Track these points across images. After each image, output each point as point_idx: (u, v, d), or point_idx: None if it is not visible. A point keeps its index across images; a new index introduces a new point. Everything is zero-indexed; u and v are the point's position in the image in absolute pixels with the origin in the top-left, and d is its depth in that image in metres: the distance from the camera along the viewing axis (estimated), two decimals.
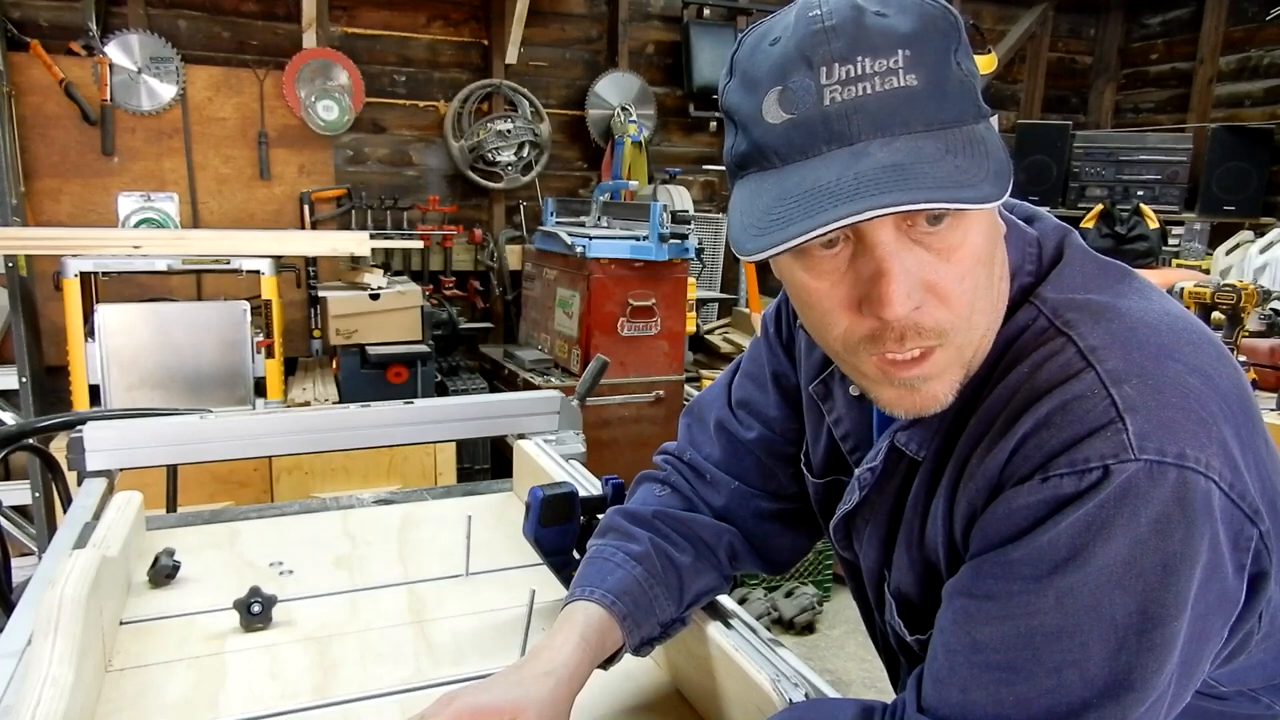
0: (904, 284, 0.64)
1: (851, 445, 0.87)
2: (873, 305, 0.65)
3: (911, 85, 0.62)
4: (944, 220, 0.64)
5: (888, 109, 0.62)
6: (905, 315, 0.64)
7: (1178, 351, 0.66)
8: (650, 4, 4.59)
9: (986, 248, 0.67)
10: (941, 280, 0.65)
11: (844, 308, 0.67)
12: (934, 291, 0.65)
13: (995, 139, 0.65)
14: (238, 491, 2.80)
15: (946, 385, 0.70)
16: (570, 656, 0.82)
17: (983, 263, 0.67)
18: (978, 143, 0.63)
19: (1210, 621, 0.64)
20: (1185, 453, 0.61)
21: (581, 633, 0.85)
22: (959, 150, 0.62)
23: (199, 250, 2.89)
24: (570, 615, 0.87)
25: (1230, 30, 4.86)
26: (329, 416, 1.60)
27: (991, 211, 0.68)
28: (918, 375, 0.68)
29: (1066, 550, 0.62)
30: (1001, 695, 0.64)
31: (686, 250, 3.43)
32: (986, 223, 0.67)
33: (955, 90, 0.63)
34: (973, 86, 0.65)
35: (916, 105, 0.62)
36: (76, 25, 3.58)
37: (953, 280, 0.65)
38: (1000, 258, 0.71)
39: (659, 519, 0.97)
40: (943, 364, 0.68)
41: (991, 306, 0.70)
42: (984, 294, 0.68)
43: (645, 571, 0.91)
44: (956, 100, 0.63)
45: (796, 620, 3.24)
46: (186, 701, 0.96)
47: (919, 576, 0.79)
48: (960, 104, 0.64)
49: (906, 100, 0.62)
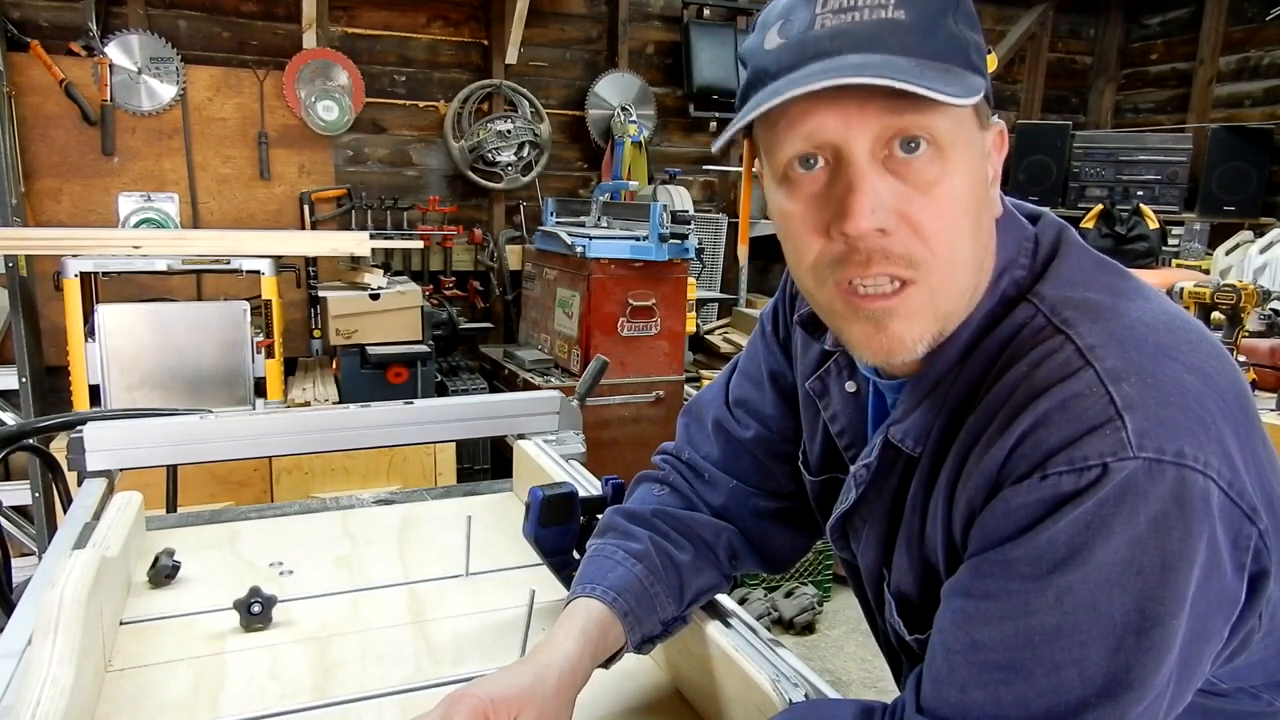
0: (869, 200, 0.66)
1: (847, 441, 0.87)
2: (839, 221, 0.67)
3: (897, 18, 0.65)
4: (920, 148, 0.66)
5: (871, 33, 0.65)
6: (869, 233, 0.66)
7: (1176, 350, 0.66)
8: (650, 4, 4.58)
9: (969, 197, 0.69)
10: (916, 211, 0.67)
11: (816, 231, 0.70)
12: (907, 220, 0.67)
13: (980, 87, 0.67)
14: (238, 491, 2.80)
15: (916, 330, 0.70)
16: (572, 652, 0.83)
17: (966, 212, 0.68)
18: (956, 75, 0.65)
19: (1210, 621, 0.64)
20: (1184, 451, 0.61)
21: (583, 629, 0.85)
22: (934, 68, 0.65)
23: (199, 250, 2.88)
24: (571, 613, 0.88)
25: (1230, 30, 4.86)
26: (329, 416, 1.60)
27: (974, 165, 0.69)
28: (884, 309, 0.69)
29: (1065, 549, 0.62)
30: (1000, 695, 0.64)
31: (686, 250, 3.43)
32: (969, 171, 0.68)
33: (944, 34, 0.66)
34: (965, 46, 0.67)
35: (900, 34, 0.65)
36: (76, 25, 3.58)
37: (929, 215, 0.67)
38: (987, 224, 0.72)
39: (658, 518, 0.97)
40: (914, 304, 0.69)
41: (975, 265, 0.71)
42: (968, 247, 0.70)
43: (646, 569, 0.91)
44: (941, 42, 0.66)
45: (796, 620, 3.24)
46: (186, 701, 0.96)
47: (918, 576, 0.79)
48: (945, 46, 0.66)
49: (891, 28, 0.65)
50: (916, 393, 0.77)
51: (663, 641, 0.94)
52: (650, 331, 3.45)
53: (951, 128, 0.67)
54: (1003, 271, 0.74)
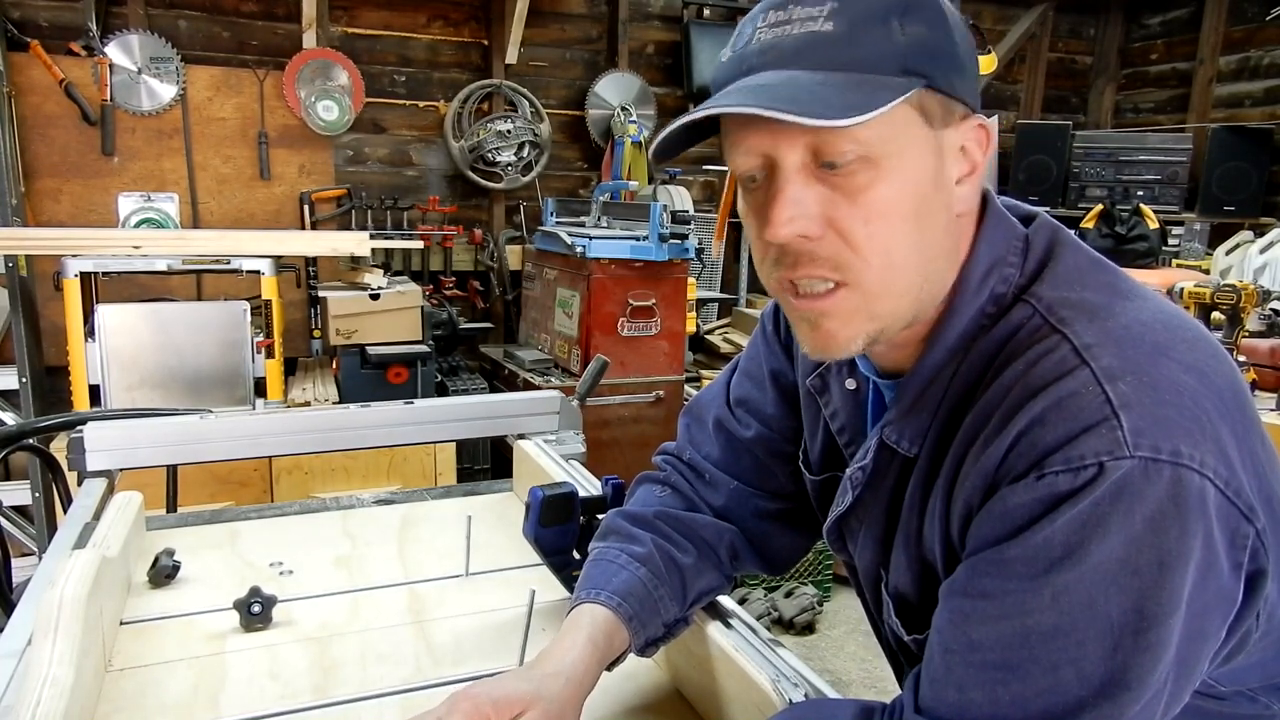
0: (787, 209, 0.68)
1: (847, 439, 0.87)
2: (764, 228, 0.70)
3: (824, 30, 0.67)
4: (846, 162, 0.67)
5: (795, 48, 0.68)
6: (790, 240, 0.69)
7: (1173, 349, 0.66)
8: (650, 4, 4.58)
9: (907, 201, 0.69)
10: (843, 219, 0.68)
11: (758, 238, 0.73)
12: (834, 227, 0.69)
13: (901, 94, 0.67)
14: (238, 491, 2.80)
15: (850, 331, 0.72)
16: (579, 658, 0.82)
17: (902, 217, 0.69)
18: (871, 87, 0.65)
19: (1208, 620, 0.64)
20: (1180, 450, 0.61)
21: (589, 635, 0.85)
22: (840, 86, 0.65)
23: (199, 250, 2.88)
24: (577, 618, 0.87)
25: (1230, 30, 4.85)
26: (329, 416, 1.60)
27: (917, 168, 0.69)
28: (816, 309, 0.72)
29: (1062, 548, 0.62)
30: (998, 695, 0.64)
31: (686, 250, 3.43)
32: (906, 176, 0.69)
33: (871, 43, 0.67)
34: (903, 49, 0.67)
35: (820, 47, 0.67)
36: (76, 25, 3.58)
37: (856, 222, 0.68)
38: (938, 224, 0.72)
39: (660, 520, 0.97)
40: (846, 308, 0.71)
41: (919, 266, 0.71)
42: (907, 251, 0.70)
43: (649, 573, 0.91)
44: (867, 51, 0.67)
45: (796, 620, 3.24)
46: (186, 701, 0.96)
47: (916, 576, 0.79)
48: (870, 55, 0.66)
49: (813, 42, 0.67)
50: (909, 392, 0.77)
51: (665, 644, 0.94)
52: (650, 331, 3.45)
53: (881, 136, 0.67)
54: (991, 269, 0.74)
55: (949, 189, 0.72)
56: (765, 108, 0.64)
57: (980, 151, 0.74)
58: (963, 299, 0.74)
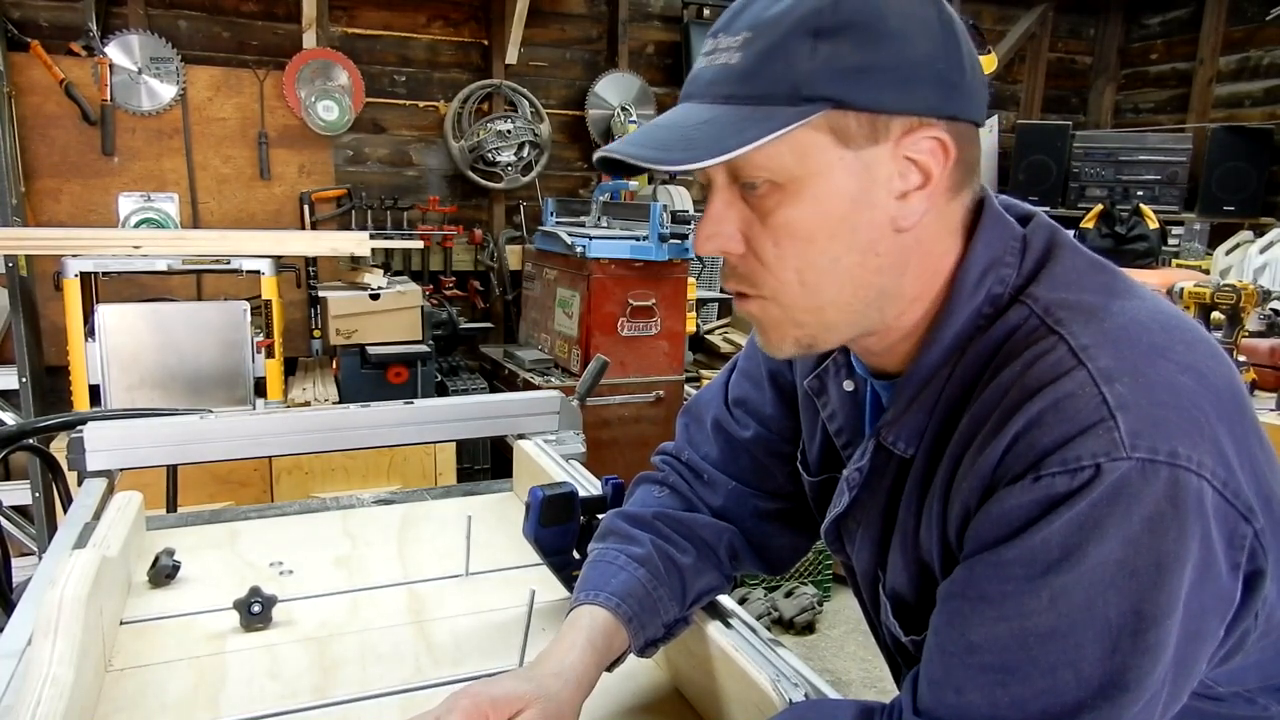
0: (708, 226, 0.74)
1: (845, 440, 0.87)
2: None
3: (732, 63, 0.70)
4: (759, 186, 0.71)
5: (709, 79, 0.71)
6: (708, 253, 0.77)
7: (1170, 350, 0.66)
8: (650, 4, 4.58)
9: (816, 222, 0.70)
10: (755, 239, 0.73)
11: None
12: (750, 246, 0.73)
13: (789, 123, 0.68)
14: (238, 491, 2.80)
15: (778, 336, 0.77)
16: (578, 659, 0.83)
17: (811, 239, 0.71)
18: (754, 120, 0.67)
19: (1206, 621, 0.64)
20: (1177, 451, 0.61)
21: (588, 637, 0.85)
22: (722, 121, 0.68)
23: (199, 250, 2.88)
24: (576, 620, 0.88)
25: (1230, 30, 4.85)
26: (329, 416, 1.60)
27: (830, 190, 0.70)
28: (746, 313, 0.77)
29: (1059, 550, 0.62)
30: (997, 696, 0.64)
31: (686, 250, 3.43)
32: (815, 198, 0.70)
33: (770, 74, 0.68)
34: (807, 75, 0.67)
35: (723, 81, 0.70)
36: (76, 25, 3.58)
37: (767, 243, 0.72)
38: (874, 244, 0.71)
39: (659, 520, 0.97)
40: (771, 317, 0.76)
41: (840, 284, 0.73)
42: (822, 270, 0.72)
43: (648, 574, 0.91)
44: (763, 83, 0.68)
45: (796, 620, 3.24)
46: (186, 701, 0.96)
47: (914, 578, 0.79)
48: (767, 86, 0.68)
49: (720, 75, 0.71)
50: (905, 394, 0.77)
51: (665, 645, 0.94)
52: (650, 331, 3.45)
53: (785, 161, 0.69)
54: (987, 269, 0.74)
55: (881, 205, 0.70)
56: (632, 155, 0.69)
57: (936, 161, 0.70)
58: (958, 300, 0.74)
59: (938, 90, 0.69)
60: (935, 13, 0.70)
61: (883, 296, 0.74)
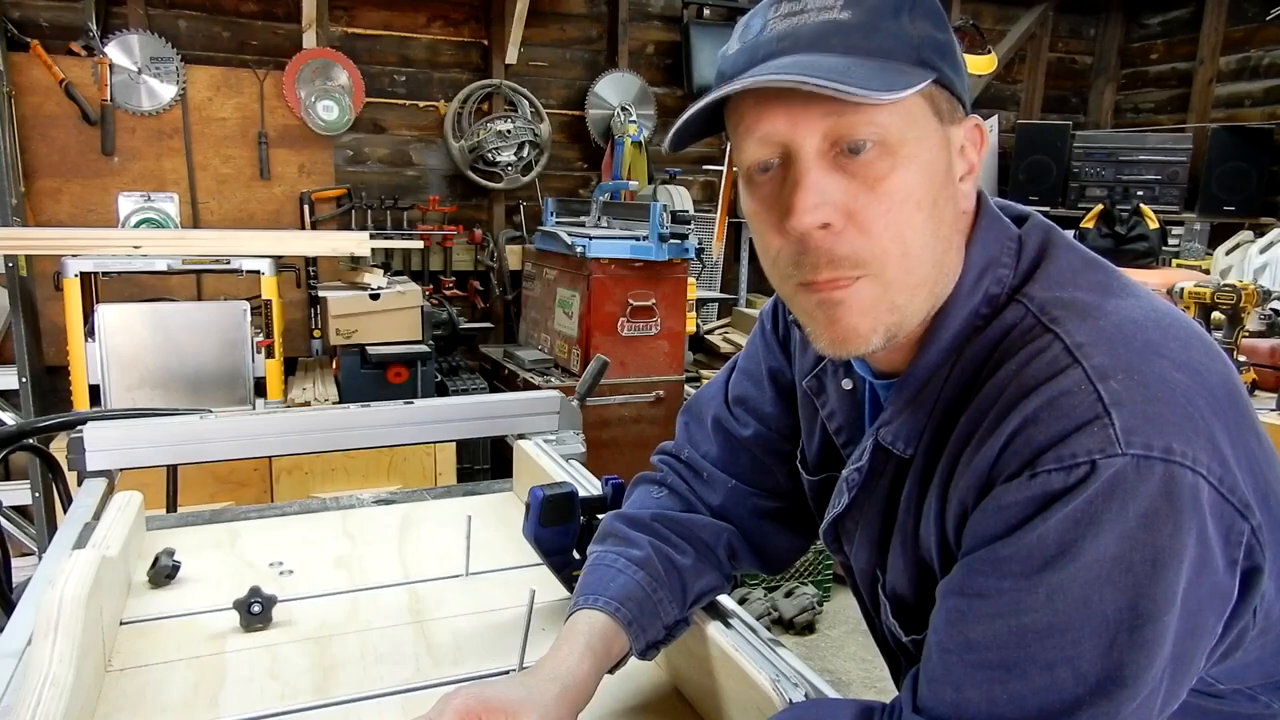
0: (812, 196, 0.68)
1: (845, 439, 0.87)
2: (786, 217, 0.69)
3: (842, 19, 0.68)
4: (865, 148, 0.67)
5: (814, 34, 0.68)
6: (813, 230, 0.68)
7: (1164, 347, 0.66)
8: (650, 4, 4.58)
9: (923, 190, 0.69)
10: (863, 208, 0.68)
11: (774, 230, 0.72)
12: (854, 219, 0.68)
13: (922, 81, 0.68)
14: (238, 491, 2.80)
15: (870, 322, 0.71)
16: (577, 667, 0.82)
17: (919, 206, 0.69)
18: (895, 71, 0.66)
19: (1203, 617, 0.64)
20: (1172, 447, 0.61)
21: (587, 643, 0.85)
22: (869, 66, 0.66)
23: (199, 250, 2.88)
24: (575, 625, 0.87)
25: (1230, 30, 4.85)
26: (329, 416, 1.60)
27: (931, 159, 0.70)
28: (836, 298, 0.71)
29: (1056, 546, 0.62)
30: (995, 693, 0.64)
31: (686, 250, 3.43)
32: (922, 166, 0.69)
33: (888, 32, 0.67)
34: (916, 41, 0.68)
35: (840, 33, 0.67)
36: (76, 25, 3.58)
37: (877, 211, 0.68)
38: (949, 218, 0.73)
39: (658, 522, 0.97)
40: (868, 300, 0.70)
41: (933, 258, 0.72)
42: (923, 240, 0.70)
43: (648, 576, 0.91)
44: (885, 39, 0.67)
45: (796, 620, 3.24)
46: (186, 701, 0.96)
47: (914, 577, 0.79)
48: (888, 43, 0.67)
49: (833, 29, 0.68)
50: (904, 393, 0.77)
51: (666, 646, 0.94)
52: (650, 331, 3.45)
53: (899, 124, 0.68)
54: (985, 269, 0.74)
55: (955, 184, 0.73)
56: (807, 78, 0.64)
57: (976, 152, 0.75)
58: (957, 300, 0.74)
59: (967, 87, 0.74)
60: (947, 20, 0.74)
61: (946, 277, 0.74)
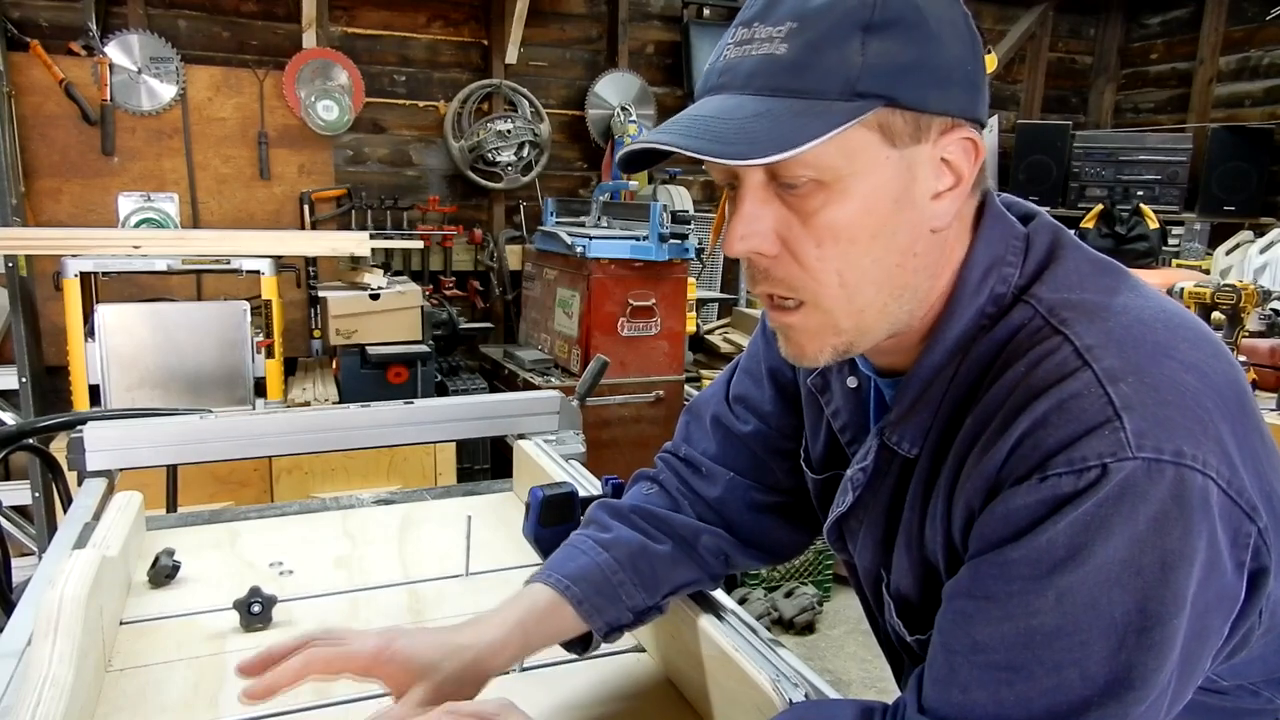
0: (742, 225, 0.70)
1: (850, 437, 0.87)
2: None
3: (778, 54, 0.67)
4: (801, 184, 0.68)
5: (749, 71, 0.68)
6: (745, 255, 0.71)
7: (1174, 349, 0.66)
8: (650, 4, 4.58)
9: (861, 222, 0.69)
10: (795, 240, 0.70)
11: None
12: (788, 249, 0.70)
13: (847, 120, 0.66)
14: (238, 491, 2.80)
15: (816, 345, 0.74)
16: (496, 639, 0.85)
17: (854, 240, 0.69)
18: (811, 115, 0.65)
19: (1210, 619, 0.64)
20: (1182, 450, 0.61)
21: (520, 619, 0.87)
22: (778, 114, 0.65)
23: (199, 250, 2.88)
24: (519, 596, 0.90)
25: (1230, 30, 4.85)
26: (329, 416, 1.60)
27: (876, 189, 0.68)
28: (784, 324, 0.74)
29: (1065, 549, 0.62)
30: (1003, 695, 0.64)
31: (686, 250, 3.43)
32: (862, 198, 0.68)
33: (823, 67, 0.66)
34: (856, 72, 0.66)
35: (770, 73, 0.67)
36: (76, 25, 3.58)
37: (807, 244, 0.69)
38: (910, 245, 0.71)
39: (635, 513, 0.99)
40: (811, 325, 0.73)
41: (882, 283, 0.71)
42: (862, 270, 0.70)
43: (612, 559, 0.93)
44: (815, 76, 0.66)
45: (796, 620, 3.24)
46: (186, 701, 0.96)
47: (918, 577, 0.79)
48: (819, 81, 0.66)
49: (765, 67, 0.67)
50: (909, 393, 0.77)
51: (632, 630, 0.95)
52: (650, 331, 3.45)
53: (834, 159, 0.66)
54: (990, 268, 0.74)
55: (920, 206, 0.70)
56: (686, 147, 0.66)
57: (968, 162, 0.71)
58: (961, 299, 0.74)
59: (967, 92, 0.70)
60: (962, 16, 0.70)
61: (915, 298, 0.74)
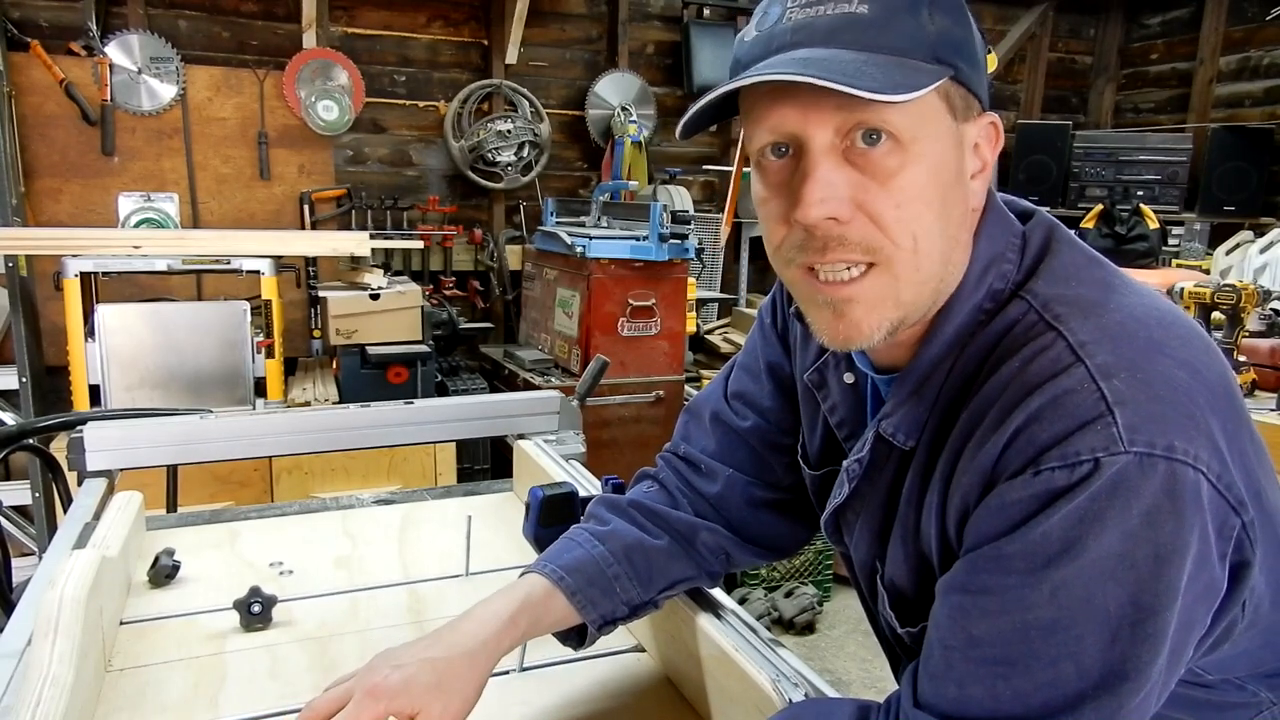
0: (821, 189, 0.68)
1: (847, 433, 0.88)
2: (793, 208, 0.69)
3: (859, 12, 0.67)
4: (879, 141, 0.67)
5: (830, 28, 0.67)
6: (820, 222, 0.68)
7: (1166, 346, 0.66)
8: (650, 4, 4.58)
9: (932, 188, 0.69)
10: (873, 201, 0.68)
11: (781, 219, 0.72)
12: (864, 210, 0.69)
13: (936, 79, 0.67)
14: (238, 491, 2.80)
15: (875, 318, 0.72)
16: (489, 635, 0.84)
17: (928, 204, 0.69)
18: (908, 70, 0.66)
19: (1196, 610, 0.65)
20: (1174, 445, 0.61)
21: (512, 613, 0.86)
22: (881, 65, 0.65)
23: (199, 250, 2.88)
24: (515, 586, 0.90)
25: (1230, 30, 4.85)
26: (329, 416, 1.60)
27: (942, 157, 0.70)
28: (843, 295, 0.71)
29: (1059, 543, 0.62)
30: (998, 689, 0.65)
31: (686, 250, 3.43)
32: (932, 163, 0.69)
33: (904, 29, 0.67)
34: (932, 38, 0.68)
35: (857, 28, 0.67)
36: (76, 25, 3.58)
37: (886, 205, 0.68)
38: (957, 215, 0.72)
39: (633, 508, 0.99)
40: (874, 291, 0.71)
41: (941, 254, 0.72)
42: (932, 238, 0.70)
43: (607, 551, 0.93)
44: (901, 36, 0.67)
45: (796, 620, 3.24)
46: (186, 701, 0.96)
47: (913, 570, 0.79)
48: (904, 40, 0.67)
49: (850, 23, 0.67)
50: (906, 386, 0.77)
51: (627, 624, 0.95)
52: (650, 331, 3.45)
53: (911, 120, 0.68)
54: (989, 265, 0.75)
55: (966, 182, 0.73)
56: (818, 78, 0.64)
57: (990, 149, 0.75)
58: (961, 295, 0.75)
59: (986, 81, 0.73)
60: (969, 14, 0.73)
61: (952, 275, 0.74)
